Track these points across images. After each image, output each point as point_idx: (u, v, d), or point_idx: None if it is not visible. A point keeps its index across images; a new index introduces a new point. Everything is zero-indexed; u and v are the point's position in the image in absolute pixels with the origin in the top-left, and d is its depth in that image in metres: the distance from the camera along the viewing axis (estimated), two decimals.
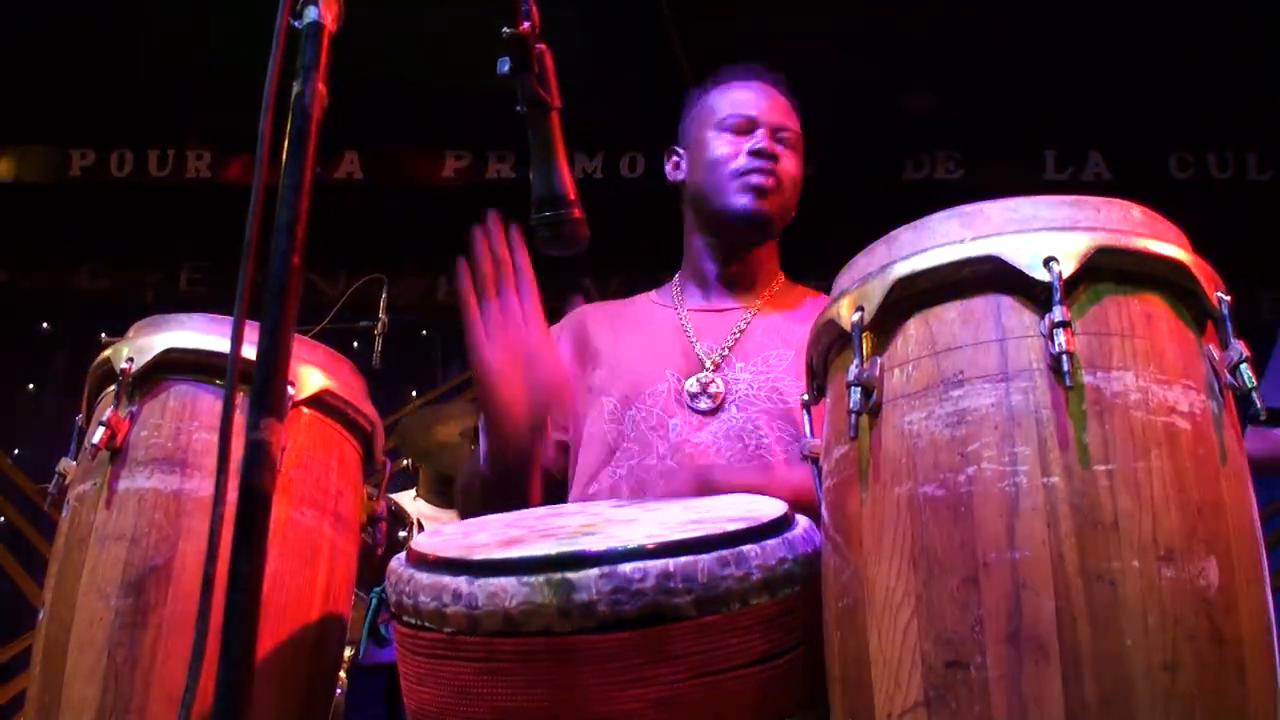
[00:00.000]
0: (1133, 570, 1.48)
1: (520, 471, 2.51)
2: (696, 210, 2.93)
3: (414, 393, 8.64)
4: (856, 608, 1.64)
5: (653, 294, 3.04)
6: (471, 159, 8.17)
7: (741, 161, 2.81)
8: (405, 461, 5.94)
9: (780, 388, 2.66)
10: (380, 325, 5.32)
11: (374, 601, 2.13)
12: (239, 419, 1.25)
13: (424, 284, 8.71)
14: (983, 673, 1.48)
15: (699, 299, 2.93)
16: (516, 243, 2.42)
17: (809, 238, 2.95)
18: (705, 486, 2.42)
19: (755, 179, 2.79)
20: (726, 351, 2.77)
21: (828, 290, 1.89)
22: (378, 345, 5.30)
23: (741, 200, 2.80)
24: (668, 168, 3.02)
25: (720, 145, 2.85)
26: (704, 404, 2.68)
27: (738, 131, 2.85)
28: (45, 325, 8.89)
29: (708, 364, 2.75)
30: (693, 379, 2.72)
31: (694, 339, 2.82)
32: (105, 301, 8.74)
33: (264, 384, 1.27)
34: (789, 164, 2.85)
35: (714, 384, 2.69)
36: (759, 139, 2.82)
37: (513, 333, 2.41)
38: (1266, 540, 1.65)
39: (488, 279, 2.39)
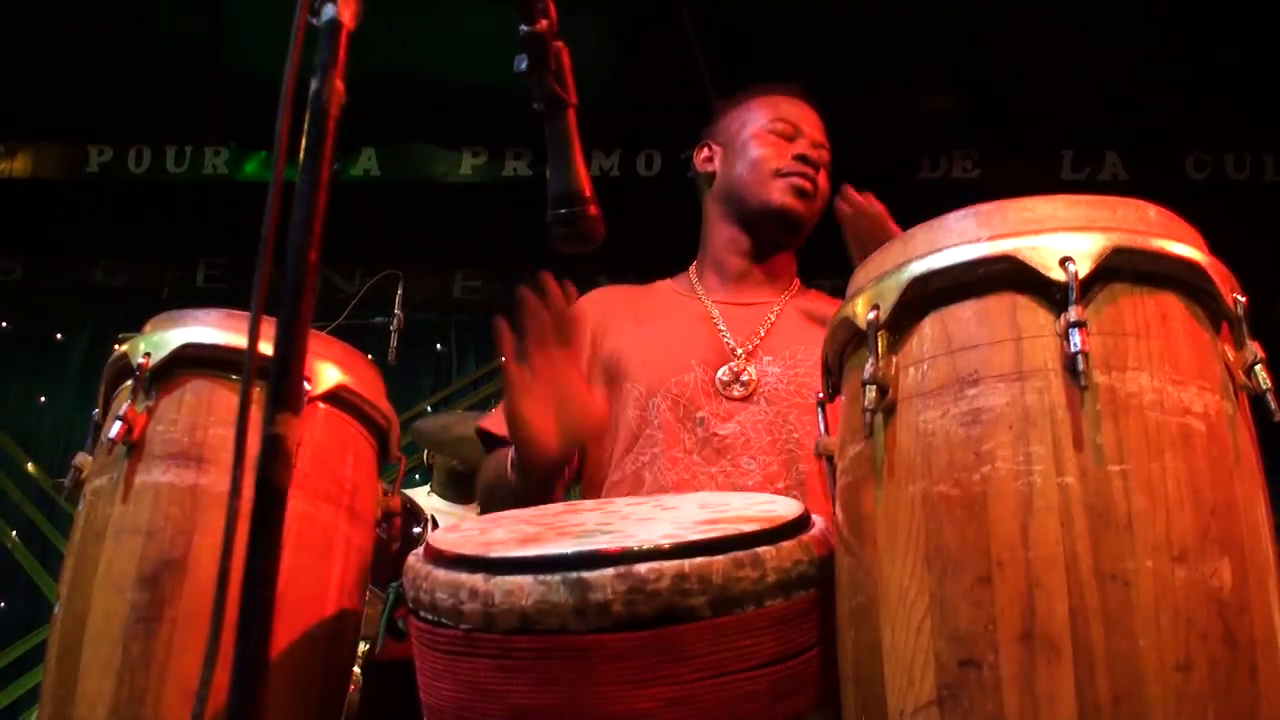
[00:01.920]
0: (1146, 570, 1.48)
1: (547, 484, 2.52)
2: (729, 203, 2.98)
3: (430, 388, 8.65)
4: (870, 606, 1.64)
5: (670, 282, 3.05)
6: (488, 156, 8.17)
7: (786, 162, 2.89)
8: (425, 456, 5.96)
9: (809, 383, 2.67)
10: (396, 321, 5.33)
11: (391, 596, 2.14)
12: (255, 414, 1.25)
13: (440, 280, 8.72)
14: (995, 671, 1.48)
15: (722, 291, 2.95)
16: (568, 294, 2.42)
17: (825, 235, 2.95)
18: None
19: (798, 180, 2.88)
20: (758, 341, 2.79)
21: (843, 290, 1.90)
22: (394, 341, 5.30)
23: (784, 197, 2.87)
24: (698, 158, 3.08)
25: (765, 145, 2.92)
26: (737, 391, 2.70)
27: (783, 136, 2.93)
28: (61, 321, 8.90)
29: (740, 353, 2.76)
30: (725, 368, 2.73)
31: (723, 330, 2.83)
32: (122, 298, 8.75)
33: (280, 379, 1.27)
34: (823, 180, 2.94)
35: (746, 372, 2.71)
36: (803, 146, 2.91)
37: (551, 383, 2.41)
38: None
39: (532, 336, 2.38)
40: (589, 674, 1.69)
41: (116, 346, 2.29)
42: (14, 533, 8.34)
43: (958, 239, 1.69)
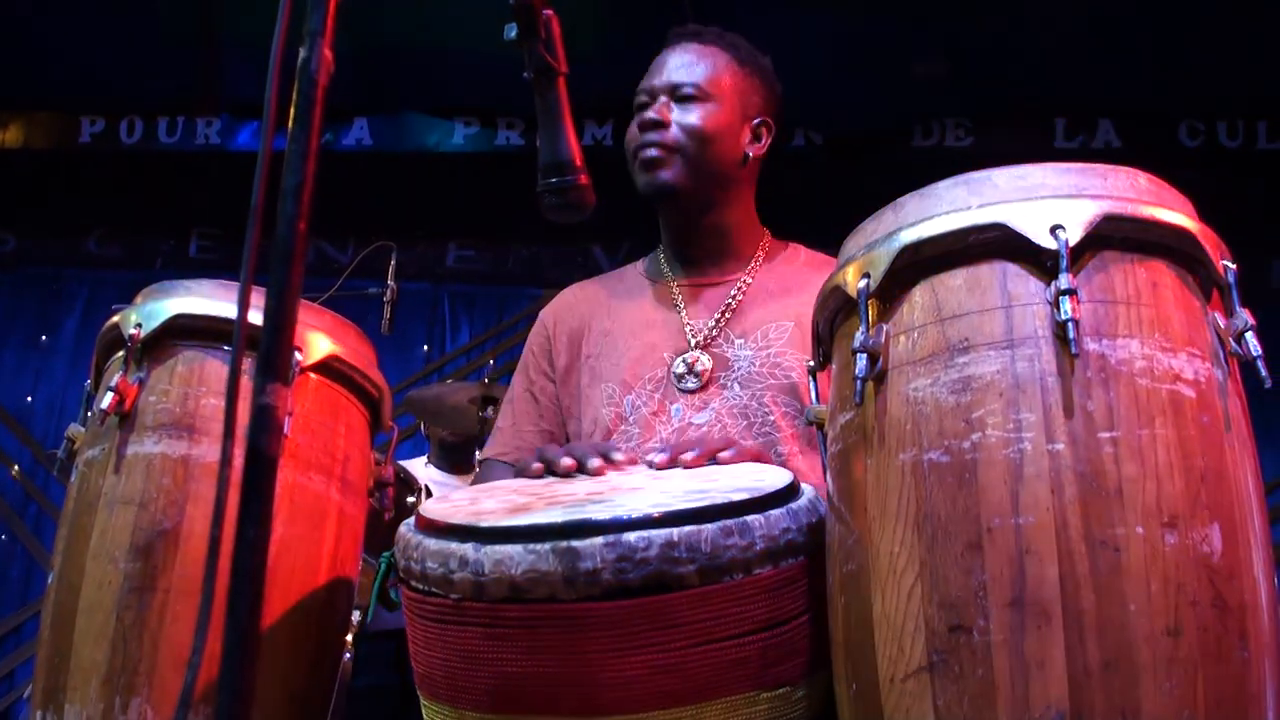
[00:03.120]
0: (1136, 536, 1.49)
1: None
2: None
3: (423, 359, 8.65)
4: (860, 573, 1.65)
5: (640, 265, 2.96)
6: (480, 125, 8.15)
7: (634, 137, 2.74)
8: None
9: (782, 363, 2.60)
10: (389, 292, 5.33)
11: (383, 566, 2.14)
12: (245, 383, 1.25)
13: (433, 251, 8.71)
14: (986, 637, 1.49)
15: (685, 272, 2.84)
16: None
17: (817, 205, 2.94)
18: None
19: (644, 153, 2.70)
20: (719, 328, 2.70)
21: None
22: (387, 312, 5.30)
23: (641, 179, 2.71)
24: None
25: (630, 129, 2.76)
26: (690, 383, 2.62)
27: (639, 109, 2.76)
28: (54, 292, 8.89)
29: (693, 342, 2.69)
30: (679, 360, 2.66)
31: (684, 316, 2.75)
32: (115, 269, 8.74)
33: (270, 348, 1.27)
34: (689, 117, 2.70)
35: (699, 362, 2.65)
36: (645, 111, 2.74)
37: None
38: (1275, 511, 1.66)
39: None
40: (578, 642, 1.70)
41: (109, 317, 2.29)
42: (9, 504, 8.35)
43: (948, 207, 1.69)
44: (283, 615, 2.09)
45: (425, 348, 8.72)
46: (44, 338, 8.79)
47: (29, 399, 8.67)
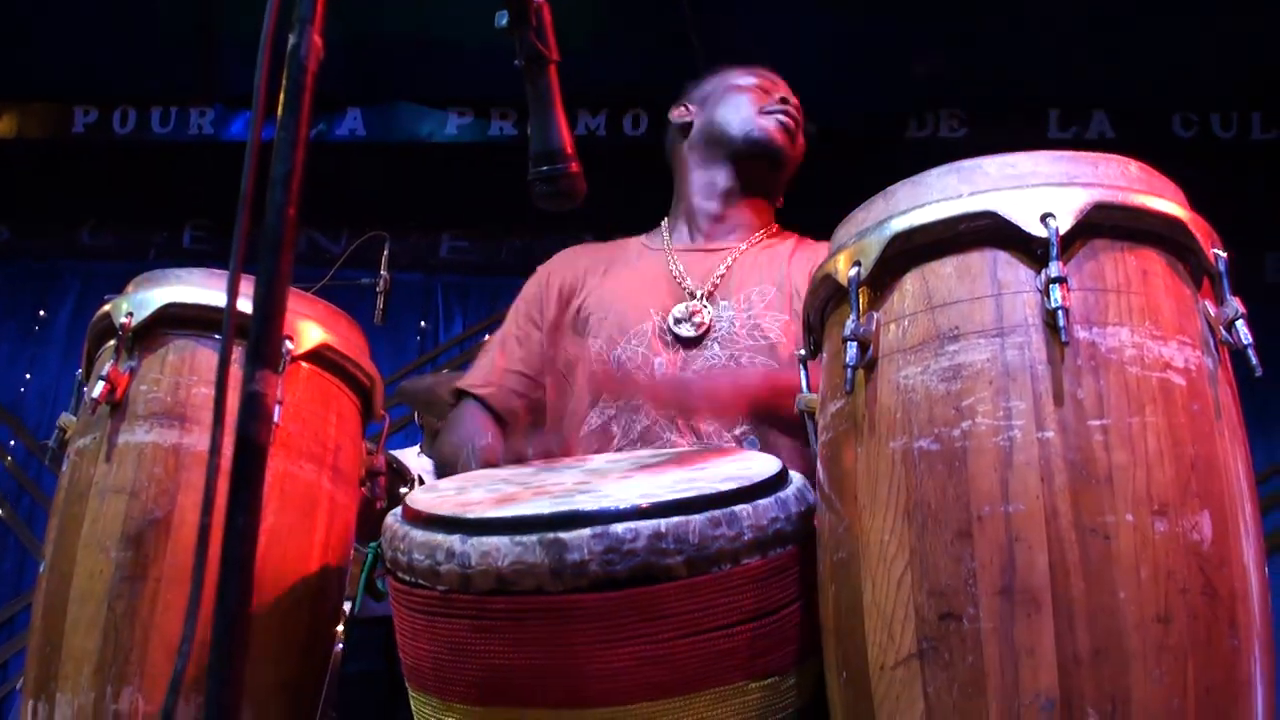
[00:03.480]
0: (1126, 524, 1.49)
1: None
2: (709, 144, 2.98)
3: (416, 350, 8.65)
4: (850, 561, 1.65)
5: (643, 237, 3.04)
6: (474, 116, 8.14)
7: (768, 102, 2.94)
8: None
9: (762, 324, 2.67)
10: (382, 282, 5.31)
11: (370, 556, 2.14)
12: (235, 372, 1.25)
13: (426, 240, 8.71)
14: (975, 624, 1.49)
15: (688, 239, 2.95)
16: None
17: (811, 196, 2.95)
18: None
19: (781, 116, 2.92)
20: (714, 286, 2.77)
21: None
22: (380, 302, 5.29)
23: (768, 127, 2.90)
24: (674, 113, 3.09)
25: (747, 91, 2.97)
26: (687, 330, 2.69)
27: (763, 90, 2.97)
28: (47, 283, 8.88)
29: (698, 294, 2.76)
30: (680, 305, 2.73)
31: (681, 277, 2.82)
32: (108, 260, 8.74)
33: (259, 336, 1.27)
34: (800, 137, 2.98)
35: (700, 313, 2.71)
36: (782, 94, 2.97)
37: None
38: (1266, 501, 1.66)
39: None
40: (566, 634, 1.70)
41: (101, 307, 2.29)
42: (2, 495, 8.34)
43: (939, 195, 1.69)
44: (273, 603, 2.09)
45: (418, 338, 8.72)
46: (37, 329, 8.77)
47: (22, 390, 8.66)
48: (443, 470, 2.79)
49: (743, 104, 2.95)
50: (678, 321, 2.71)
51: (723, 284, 2.79)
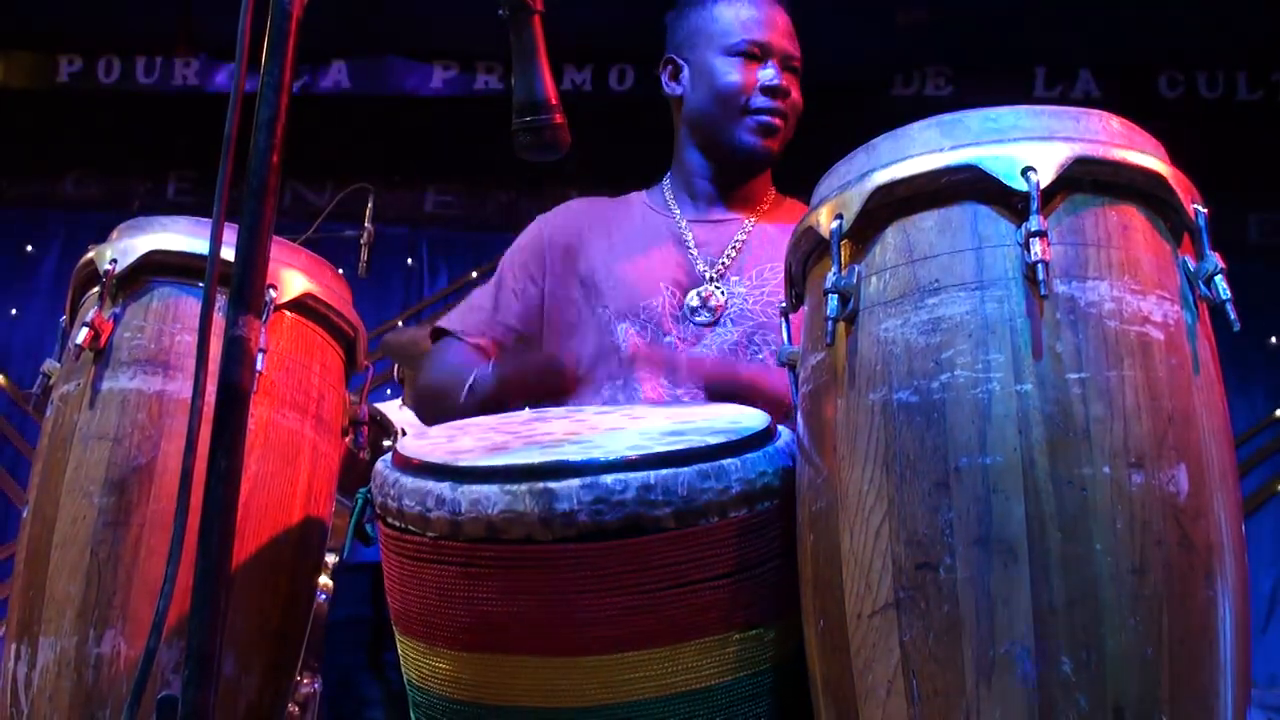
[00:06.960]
0: (1103, 476, 1.50)
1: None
2: (697, 134, 2.88)
3: (400, 304, 8.64)
4: (829, 511, 1.66)
5: (644, 195, 2.99)
6: (459, 70, 8.12)
7: (754, 97, 2.76)
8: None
9: (775, 301, 2.65)
10: (367, 235, 5.31)
11: (359, 501, 2.15)
12: (218, 319, 1.26)
13: (411, 194, 8.69)
14: (952, 574, 1.51)
15: (694, 209, 2.90)
16: None
17: (796, 152, 2.93)
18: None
19: (766, 119, 2.77)
20: (727, 263, 2.76)
21: None
22: (364, 255, 5.28)
23: (751, 139, 2.77)
24: (664, 77, 2.94)
25: (730, 72, 2.77)
26: (704, 317, 2.69)
27: (749, 58, 2.78)
28: (32, 233, 8.85)
29: (710, 275, 2.75)
30: (693, 292, 2.72)
31: (693, 251, 2.80)
32: (92, 210, 8.71)
33: (242, 281, 1.28)
34: (795, 93, 2.82)
35: (714, 296, 2.70)
36: (772, 74, 2.77)
37: None
38: (1248, 460, 1.67)
39: None
40: (553, 582, 1.71)
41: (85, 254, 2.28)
42: None
43: (921, 148, 1.70)
44: (257, 551, 2.10)
45: (403, 292, 8.71)
46: (21, 279, 8.75)
47: (5, 340, 8.64)
48: (426, 403, 2.79)
49: (728, 98, 2.77)
50: (694, 310, 2.70)
51: (735, 262, 2.77)
